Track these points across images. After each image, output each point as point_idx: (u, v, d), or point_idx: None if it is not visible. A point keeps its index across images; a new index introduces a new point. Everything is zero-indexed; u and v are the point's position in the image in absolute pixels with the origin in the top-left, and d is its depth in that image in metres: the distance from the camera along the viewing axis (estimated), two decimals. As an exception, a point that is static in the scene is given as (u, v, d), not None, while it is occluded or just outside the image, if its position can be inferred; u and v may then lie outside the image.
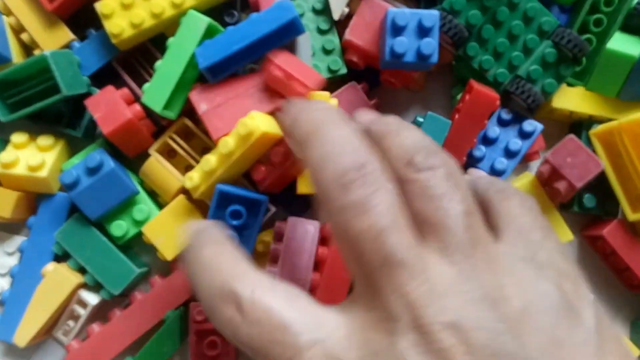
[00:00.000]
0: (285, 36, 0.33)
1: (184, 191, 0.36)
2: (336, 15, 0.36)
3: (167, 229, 0.35)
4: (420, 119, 0.36)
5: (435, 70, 0.37)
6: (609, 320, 0.23)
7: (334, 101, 0.34)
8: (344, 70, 0.36)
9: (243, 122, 0.31)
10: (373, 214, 0.21)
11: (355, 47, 0.35)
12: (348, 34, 0.35)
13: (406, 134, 0.24)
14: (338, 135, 0.23)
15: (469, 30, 0.35)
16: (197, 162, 0.36)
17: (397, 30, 0.33)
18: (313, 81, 0.33)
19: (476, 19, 0.35)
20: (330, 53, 0.36)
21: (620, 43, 0.36)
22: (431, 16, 0.33)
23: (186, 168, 0.36)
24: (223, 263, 0.23)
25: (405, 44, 0.33)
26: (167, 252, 0.35)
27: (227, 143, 0.32)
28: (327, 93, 0.34)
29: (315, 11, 0.36)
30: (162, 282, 0.36)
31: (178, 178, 0.36)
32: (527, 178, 0.37)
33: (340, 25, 0.36)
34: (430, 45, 0.33)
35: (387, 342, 0.20)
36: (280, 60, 0.32)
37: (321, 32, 0.36)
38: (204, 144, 0.36)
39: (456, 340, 0.19)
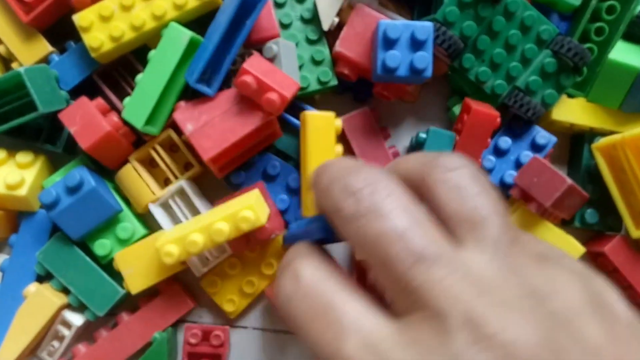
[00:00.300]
0: (252, 10, 0.32)
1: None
2: (325, 26, 0.34)
3: (138, 262, 0.34)
4: (423, 135, 0.34)
5: (430, 81, 0.36)
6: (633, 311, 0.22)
7: (338, 121, 0.33)
8: (334, 82, 0.35)
9: (244, 216, 0.30)
10: (391, 217, 0.20)
11: (346, 60, 0.34)
12: (338, 46, 0.34)
13: (419, 152, 0.24)
14: (345, 164, 0.23)
15: (464, 42, 0.34)
16: (176, 177, 0.35)
17: (389, 43, 0.32)
18: (287, 89, 0.31)
19: (471, 30, 0.33)
20: (319, 64, 0.35)
21: (622, 53, 0.34)
22: (424, 28, 0.31)
23: (165, 181, 0.36)
24: (300, 248, 0.24)
25: (397, 58, 0.32)
26: (133, 285, 0.34)
27: (222, 232, 0.31)
28: (332, 113, 0.33)
29: (304, 20, 0.35)
30: (150, 304, 0.35)
31: (153, 190, 0.35)
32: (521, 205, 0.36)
33: (331, 36, 0.35)
34: (424, 59, 0.32)
35: (439, 341, 0.18)
36: (254, 67, 0.31)
37: (310, 42, 0.35)
38: (186, 159, 0.35)
39: (519, 335, 0.18)
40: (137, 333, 0.35)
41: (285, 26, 0.35)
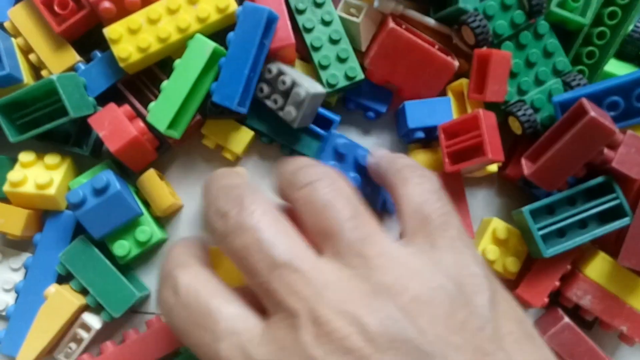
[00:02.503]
0: (270, 31, 0.36)
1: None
2: (364, 47, 0.38)
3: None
4: None
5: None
6: (510, 305, 0.25)
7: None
8: (361, 76, 0.39)
9: None
10: (254, 231, 0.24)
11: (375, 74, 0.39)
12: (368, 64, 0.38)
13: (290, 163, 0.28)
14: (219, 186, 0.27)
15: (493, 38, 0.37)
16: None
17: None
18: None
19: (503, 29, 0.37)
20: (345, 61, 0.38)
21: (615, 69, 0.38)
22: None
23: None
24: (178, 256, 0.27)
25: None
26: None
27: None
28: None
29: (325, 23, 0.38)
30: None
31: (172, 194, 0.38)
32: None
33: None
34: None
35: (292, 337, 0.22)
36: None
37: (333, 42, 0.38)
38: None
39: (354, 329, 0.21)
40: (165, 340, 0.37)
41: (308, 30, 0.38)
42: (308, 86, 0.35)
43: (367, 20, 0.38)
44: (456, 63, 0.37)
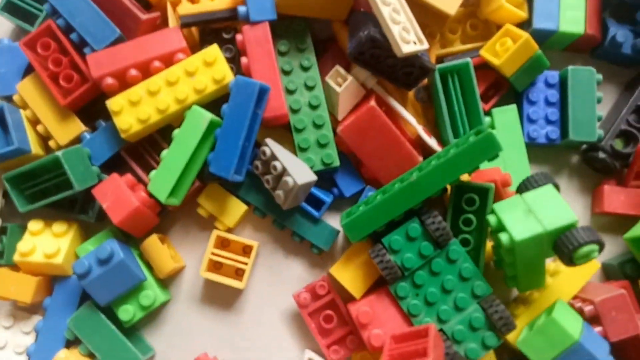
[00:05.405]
0: (262, 101, 0.38)
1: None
2: (340, 117, 0.40)
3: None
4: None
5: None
6: None
7: None
8: (336, 164, 0.41)
9: None
10: None
11: (342, 142, 0.40)
12: (340, 131, 0.40)
13: None
14: None
15: (403, 271, 0.37)
16: (245, 264, 0.40)
17: None
18: None
19: (411, 262, 0.37)
20: (324, 147, 0.41)
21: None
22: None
23: (237, 271, 0.42)
24: None
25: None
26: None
27: None
28: None
29: (312, 106, 0.41)
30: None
31: (174, 257, 0.41)
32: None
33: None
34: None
35: None
36: None
37: (316, 126, 0.41)
38: (242, 245, 0.42)
39: None
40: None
41: (294, 111, 0.40)
42: (298, 176, 0.37)
43: (348, 92, 0.40)
44: (420, 158, 0.39)
